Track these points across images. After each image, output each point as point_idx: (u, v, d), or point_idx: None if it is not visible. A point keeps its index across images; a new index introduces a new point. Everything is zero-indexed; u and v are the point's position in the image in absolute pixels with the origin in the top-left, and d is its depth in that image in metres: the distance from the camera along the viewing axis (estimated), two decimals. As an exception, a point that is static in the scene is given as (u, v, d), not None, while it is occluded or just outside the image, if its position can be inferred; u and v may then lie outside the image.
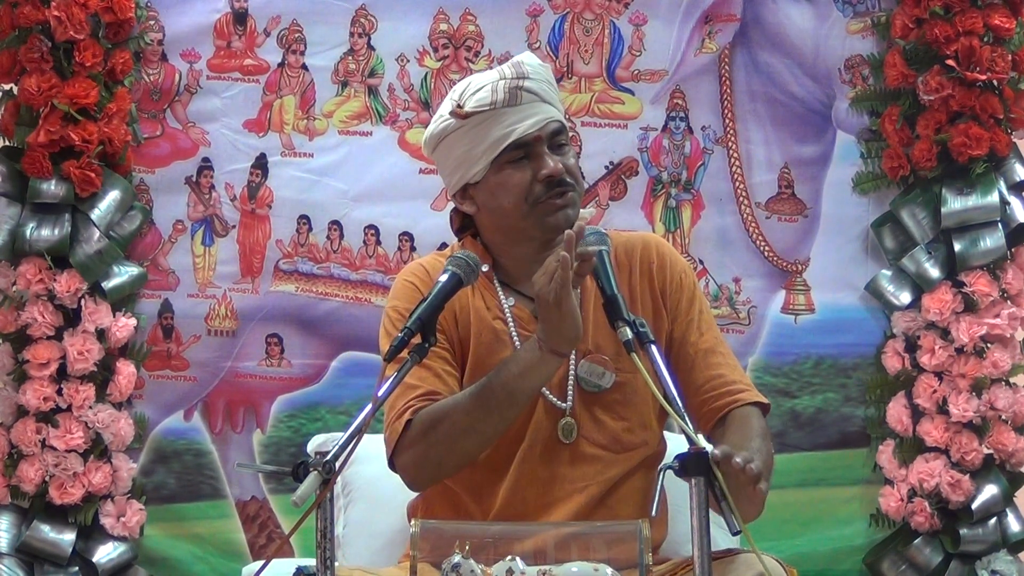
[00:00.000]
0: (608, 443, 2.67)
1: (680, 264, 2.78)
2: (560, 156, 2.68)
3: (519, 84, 2.65)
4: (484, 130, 2.66)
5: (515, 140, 2.65)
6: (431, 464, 2.61)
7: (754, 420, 2.65)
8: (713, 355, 2.71)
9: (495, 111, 2.64)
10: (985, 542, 3.87)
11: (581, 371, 2.67)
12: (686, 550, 2.29)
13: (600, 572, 2.21)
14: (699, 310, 2.74)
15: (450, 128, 2.69)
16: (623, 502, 2.64)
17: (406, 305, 2.65)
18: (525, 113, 2.65)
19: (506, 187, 2.67)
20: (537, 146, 2.66)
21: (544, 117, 2.67)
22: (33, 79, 3.77)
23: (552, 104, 2.70)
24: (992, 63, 3.86)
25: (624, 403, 2.68)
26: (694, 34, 4.03)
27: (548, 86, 2.71)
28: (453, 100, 2.70)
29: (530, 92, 2.66)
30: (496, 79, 2.67)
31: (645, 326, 2.36)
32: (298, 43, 3.99)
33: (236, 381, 3.94)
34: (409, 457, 2.61)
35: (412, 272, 2.79)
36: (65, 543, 3.78)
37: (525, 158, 2.66)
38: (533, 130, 2.65)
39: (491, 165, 2.67)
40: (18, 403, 3.78)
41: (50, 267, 3.79)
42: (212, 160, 3.97)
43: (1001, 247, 3.90)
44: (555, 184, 2.65)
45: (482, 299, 2.72)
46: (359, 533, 3.17)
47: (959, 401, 3.84)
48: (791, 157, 4.04)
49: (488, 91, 2.65)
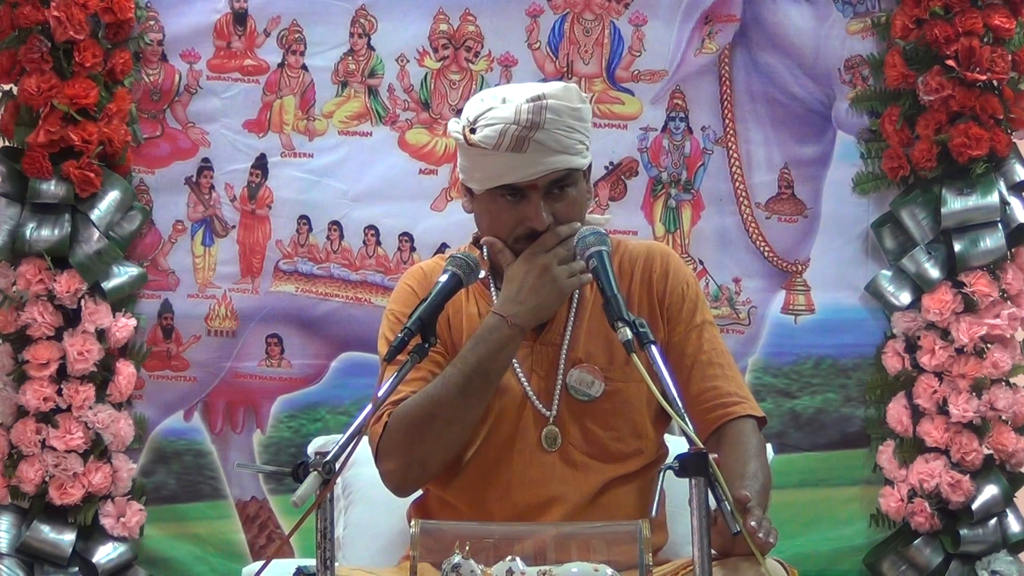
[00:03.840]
0: (596, 452, 2.65)
1: (683, 274, 2.76)
2: (558, 201, 2.65)
3: (527, 135, 2.60)
4: (484, 162, 2.64)
5: (509, 184, 2.64)
6: (416, 464, 2.61)
7: (748, 437, 2.63)
8: (710, 367, 2.69)
9: (497, 152, 2.62)
10: (985, 542, 3.87)
11: (571, 380, 2.66)
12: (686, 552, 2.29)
13: (600, 572, 2.21)
14: (700, 321, 2.72)
15: (458, 140, 2.68)
16: (619, 506, 2.63)
17: (401, 309, 2.68)
18: (527, 161, 2.61)
19: (494, 218, 2.68)
20: (531, 192, 2.64)
21: (546, 168, 2.62)
22: (33, 79, 3.77)
23: (564, 152, 2.63)
24: (992, 63, 3.86)
25: (614, 413, 2.67)
26: (694, 34, 4.03)
27: (566, 132, 2.64)
28: (469, 119, 2.66)
29: (538, 143, 2.61)
30: (510, 121, 2.61)
31: (645, 326, 2.35)
32: (298, 43, 3.99)
33: (236, 381, 3.94)
34: (394, 461, 2.61)
35: (411, 275, 2.80)
36: (65, 543, 3.78)
37: (516, 198, 2.65)
38: (528, 179, 2.63)
39: (486, 191, 2.67)
40: (18, 403, 3.78)
41: (50, 267, 3.79)
42: (212, 160, 3.97)
43: (1001, 247, 3.90)
44: (536, 236, 2.64)
45: (476, 305, 2.72)
46: (359, 534, 3.16)
47: (959, 401, 3.84)
48: (791, 157, 4.04)
49: (497, 132, 2.60)
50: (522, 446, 2.64)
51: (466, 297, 2.70)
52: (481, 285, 2.70)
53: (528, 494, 2.63)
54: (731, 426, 2.65)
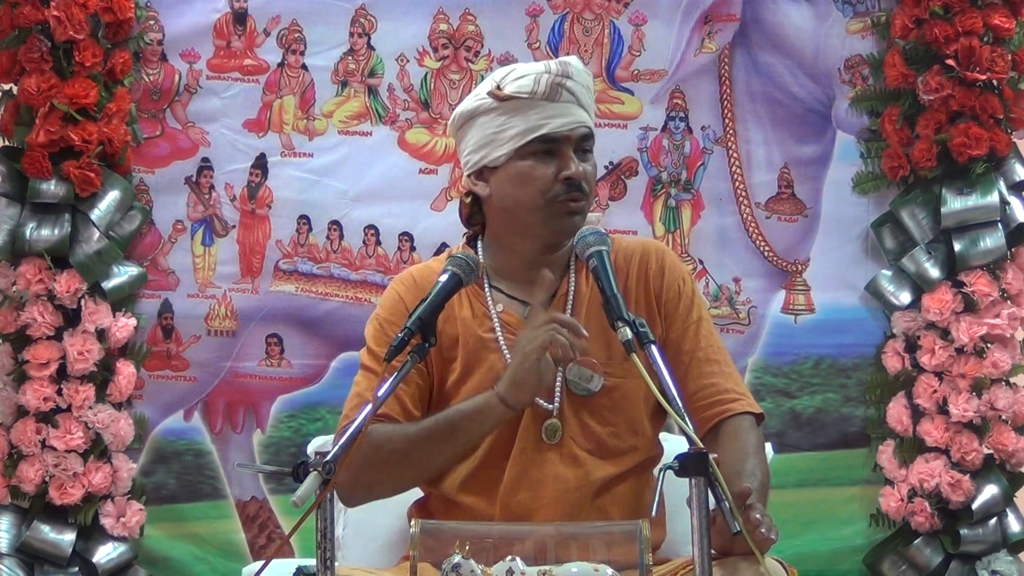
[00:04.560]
0: (594, 447, 2.66)
1: (679, 271, 2.76)
2: (584, 163, 2.68)
3: (562, 82, 2.65)
4: (518, 116, 2.65)
5: (546, 134, 2.65)
6: (363, 485, 2.62)
7: (746, 434, 2.63)
8: (708, 363, 2.68)
9: (533, 100, 2.65)
10: (985, 542, 3.87)
11: (570, 374, 2.66)
12: (686, 550, 2.29)
13: (600, 572, 2.21)
14: (697, 318, 2.72)
15: (484, 107, 2.68)
16: (614, 504, 2.64)
17: (387, 316, 2.69)
18: (561, 111, 2.65)
19: (526, 178, 2.66)
20: (565, 145, 2.65)
21: (578, 120, 2.66)
22: (33, 79, 3.77)
23: (587, 110, 2.70)
24: (992, 63, 3.86)
25: (612, 408, 2.67)
26: (694, 34, 4.03)
27: (587, 92, 2.70)
28: (494, 81, 2.69)
29: (570, 92, 2.66)
30: (541, 71, 2.67)
31: (645, 326, 2.35)
32: (298, 43, 3.99)
33: (236, 381, 3.95)
34: (345, 474, 2.60)
35: (400, 281, 2.79)
36: (65, 543, 3.78)
37: (550, 154, 2.66)
38: (564, 129, 2.65)
39: (515, 152, 2.67)
40: (18, 403, 3.78)
41: (50, 267, 3.79)
42: (212, 160, 3.97)
43: (1001, 247, 3.91)
44: (574, 187, 2.65)
45: (470, 307, 2.71)
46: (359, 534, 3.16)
47: (959, 401, 3.84)
48: (791, 157, 4.04)
49: (531, 80, 2.65)
50: (525, 444, 2.64)
51: (459, 301, 2.69)
52: (475, 286, 2.70)
53: (531, 494, 2.63)
54: (729, 423, 2.65)
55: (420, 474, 2.65)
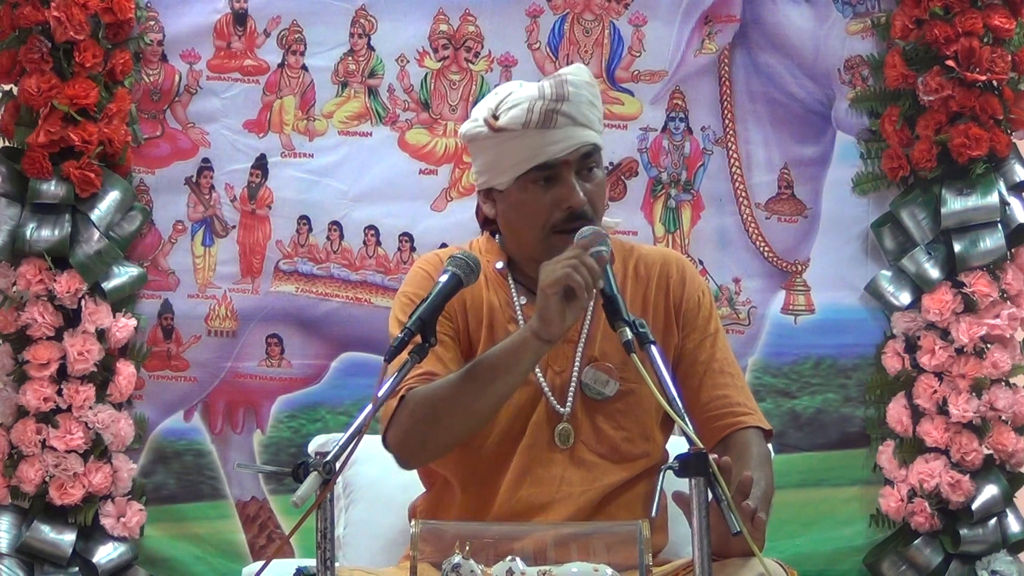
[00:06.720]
0: (606, 452, 2.66)
1: (699, 283, 2.78)
2: (588, 181, 2.65)
3: (556, 107, 2.62)
4: (513, 146, 2.64)
5: (543, 162, 2.64)
6: (416, 440, 2.60)
7: (754, 447, 2.65)
8: (722, 375, 2.70)
9: (527, 131, 2.63)
10: (985, 542, 3.87)
11: (586, 378, 2.67)
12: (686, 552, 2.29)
13: (600, 573, 2.21)
14: (714, 330, 2.74)
15: (481, 135, 2.68)
16: (623, 509, 2.64)
17: (415, 291, 2.67)
18: (557, 136, 2.62)
19: (526, 207, 2.66)
20: (564, 170, 2.64)
21: (576, 142, 2.64)
22: (33, 79, 3.77)
23: (589, 126, 2.66)
24: (992, 64, 3.86)
25: (626, 413, 2.67)
26: (694, 35, 4.03)
27: (589, 107, 2.67)
28: (490, 108, 2.67)
29: (566, 116, 2.62)
30: (535, 97, 2.63)
31: (645, 327, 2.35)
32: (298, 43, 3.99)
33: (236, 381, 3.94)
34: (396, 433, 2.60)
35: (427, 260, 2.80)
36: (65, 544, 3.78)
37: (551, 180, 2.64)
38: (562, 154, 2.63)
39: (515, 181, 2.66)
40: (18, 403, 3.78)
41: (50, 267, 3.79)
42: (212, 160, 3.97)
43: (1001, 247, 3.91)
44: (575, 216, 2.63)
45: (496, 295, 2.72)
46: (360, 534, 3.17)
47: (959, 401, 3.84)
48: (791, 157, 4.05)
49: (524, 110, 2.62)
50: (534, 442, 2.65)
51: (486, 286, 2.70)
52: (499, 276, 2.70)
53: (535, 491, 2.63)
54: (739, 435, 2.67)
55: (469, 420, 2.58)
